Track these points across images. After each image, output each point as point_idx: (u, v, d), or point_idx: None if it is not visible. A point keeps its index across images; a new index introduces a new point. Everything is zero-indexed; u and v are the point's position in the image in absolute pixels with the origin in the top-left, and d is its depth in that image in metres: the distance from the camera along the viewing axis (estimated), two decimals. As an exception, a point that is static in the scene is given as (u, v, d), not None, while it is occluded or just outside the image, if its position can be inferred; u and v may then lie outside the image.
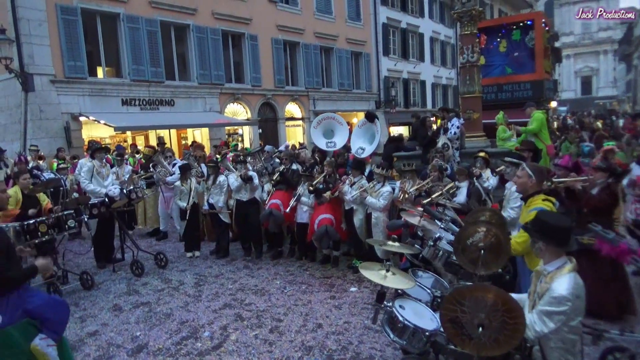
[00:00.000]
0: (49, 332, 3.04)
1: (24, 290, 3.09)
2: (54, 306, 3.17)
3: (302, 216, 7.30)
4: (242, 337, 4.89)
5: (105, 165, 7.85)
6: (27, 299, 3.03)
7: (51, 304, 3.17)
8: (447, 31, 34.29)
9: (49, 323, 3.06)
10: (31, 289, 3.29)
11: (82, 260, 7.89)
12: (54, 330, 3.08)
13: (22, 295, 3.02)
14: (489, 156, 7.29)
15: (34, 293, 3.18)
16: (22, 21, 13.28)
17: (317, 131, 9.04)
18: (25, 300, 3.01)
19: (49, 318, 3.06)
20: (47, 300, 3.18)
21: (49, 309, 3.09)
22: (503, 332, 2.48)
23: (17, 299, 2.97)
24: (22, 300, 2.99)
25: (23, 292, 3.05)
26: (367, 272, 3.15)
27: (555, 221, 2.83)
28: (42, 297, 3.21)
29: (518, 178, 3.87)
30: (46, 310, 3.07)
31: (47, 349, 2.98)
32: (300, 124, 23.46)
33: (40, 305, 3.06)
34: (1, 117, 14.57)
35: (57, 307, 3.18)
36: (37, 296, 3.15)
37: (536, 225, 2.85)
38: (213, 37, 18.28)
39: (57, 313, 3.14)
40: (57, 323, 3.12)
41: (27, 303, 3.01)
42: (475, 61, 10.31)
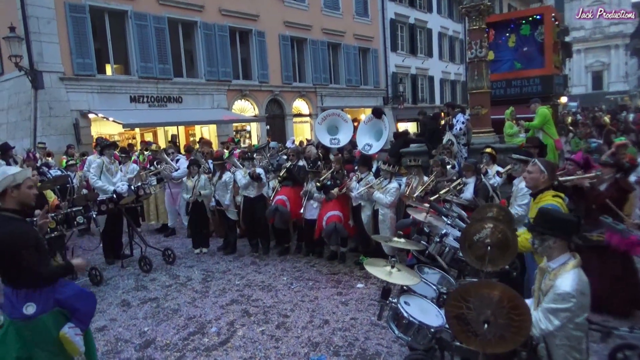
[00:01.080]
0: (77, 321, 3.17)
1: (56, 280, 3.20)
2: (83, 298, 3.28)
3: (312, 212, 7.29)
4: (248, 333, 4.91)
5: (114, 162, 7.92)
6: (59, 289, 3.13)
7: (81, 295, 3.28)
8: (455, 26, 34.05)
9: (78, 313, 3.18)
10: (64, 280, 3.38)
11: (91, 256, 7.95)
12: (81, 320, 3.20)
13: (55, 285, 3.13)
14: (496, 152, 7.23)
15: (65, 284, 3.28)
16: (32, 19, 13.38)
17: (321, 127, 9.04)
18: (57, 291, 3.11)
19: (78, 308, 3.19)
20: (77, 291, 3.29)
21: (78, 300, 3.21)
22: (509, 329, 2.46)
23: (50, 289, 3.08)
24: (54, 290, 3.10)
25: (55, 283, 3.15)
26: (372, 268, 3.14)
27: (559, 214, 2.83)
28: (73, 288, 3.32)
29: (529, 173, 3.82)
30: (76, 301, 3.18)
31: (74, 338, 3.09)
32: (308, 120, 23.45)
33: (71, 296, 3.18)
34: (11, 115, 14.71)
35: (86, 299, 3.30)
36: (69, 287, 3.26)
37: (544, 221, 2.82)
38: (220, 34, 18.31)
39: (85, 304, 3.27)
40: (85, 314, 3.25)
41: (59, 293, 3.12)
42: (483, 56, 10.22)
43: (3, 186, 2.93)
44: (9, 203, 2.98)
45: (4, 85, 14.99)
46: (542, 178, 3.74)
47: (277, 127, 21.49)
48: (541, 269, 2.89)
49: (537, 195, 3.77)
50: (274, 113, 21.46)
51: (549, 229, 2.78)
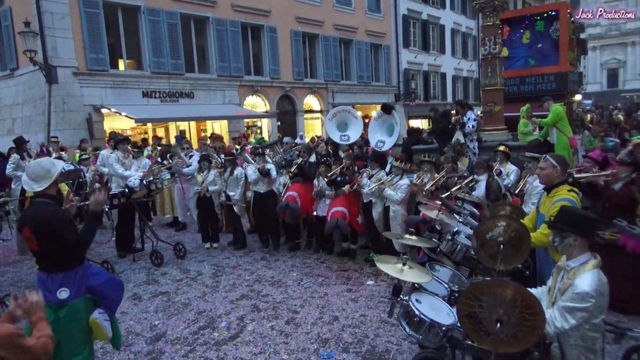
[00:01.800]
0: (106, 308, 3.28)
1: (88, 267, 3.33)
2: (113, 285, 3.40)
3: (324, 209, 7.27)
4: (258, 328, 4.92)
5: (127, 156, 7.98)
6: (91, 276, 3.25)
7: (111, 282, 3.39)
8: (468, 22, 33.75)
9: (107, 300, 3.30)
10: (94, 267, 3.51)
11: (103, 250, 8.03)
12: (110, 307, 3.32)
13: (87, 272, 3.26)
14: (509, 150, 7.16)
15: (96, 271, 3.41)
16: (46, 14, 13.52)
17: (331, 124, 9.01)
18: (89, 277, 3.24)
19: (108, 296, 3.30)
20: (107, 278, 3.40)
21: (108, 287, 3.32)
22: (522, 328, 2.43)
23: (82, 275, 3.21)
24: (86, 277, 3.23)
25: (87, 269, 3.29)
26: (383, 265, 3.12)
27: (583, 212, 2.78)
28: (104, 275, 3.44)
29: (542, 170, 3.77)
30: (106, 288, 3.29)
31: (104, 323, 3.23)
32: (319, 116, 23.42)
33: (102, 283, 3.29)
34: (26, 109, 14.88)
35: (115, 286, 3.42)
36: (100, 274, 3.39)
37: (565, 218, 2.77)
38: (232, 30, 18.33)
39: (115, 291, 3.39)
40: (113, 300, 3.38)
41: (90, 280, 3.23)
42: (497, 53, 10.13)
43: (55, 177, 3.18)
44: (51, 190, 3.21)
45: (19, 80, 15.17)
46: (556, 173, 3.70)
47: (288, 123, 21.50)
48: (559, 267, 2.84)
49: (552, 190, 3.72)
50: (285, 109, 21.47)
51: (570, 227, 2.73)
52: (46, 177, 3.15)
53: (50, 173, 3.16)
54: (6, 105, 15.73)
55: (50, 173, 3.16)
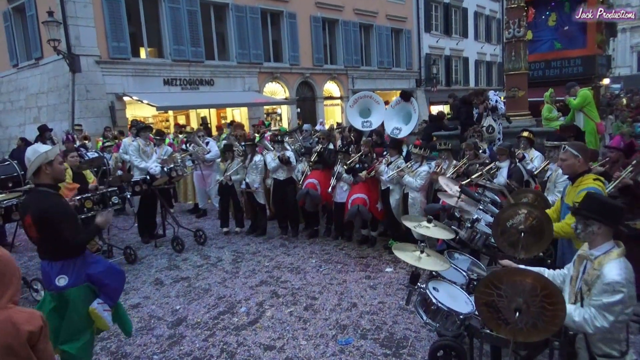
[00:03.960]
0: (105, 297, 3.26)
1: (88, 255, 3.31)
2: (113, 274, 3.36)
3: (342, 196, 7.26)
4: (277, 314, 4.96)
5: (149, 144, 8.07)
6: (90, 265, 3.24)
7: (111, 271, 3.36)
8: (492, 5, 32.93)
9: (106, 289, 3.27)
10: (93, 255, 3.51)
11: (126, 236, 8.19)
12: (110, 297, 3.29)
13: (86, 260, 3.25)
14: (533, 135, 6.99)
15: (96, 259, 3.40)
16: (69, 3, 13.68)
17: (353, 110, 8.91)
18: (88, 266, 3.22)
19: (107, 284, 3.27)
20: (107, 267, 3.38)
21: (108, 276, 3.29)
22: (542, 317, 2.39)
23: (82, 263, 3.19)
24: (86, 265, 3.21)
25: (87, 257, 3.28)
26: (401, 253, 3.10)
27: (608, 200, 2.71)
28: (104, 264, 3.41)
29: (563, 161, 3.67)
30: (105, 277, 3.27)
31: (103, 313, 3.20)
32: (339, 103, 23.29)
33: (102, 271, 3.27)
34: (51, 98, 15.17)
35: (115, 275, 3.38)
36: (99, 263, 3.37)
37: (589, 205, 2.69)
38: (252, 16, 18.28)
39: (115, 280, 3.35)
40: (113, 290, 3.33)
41: (90, 268, 3.22)
42: (522, 36, 9.86)
43: (37, 164, 3.07)
44: (44, 179, 3.12)
45: (43, 69, 15.45)
46: (578, 162, 3.59)
47: (307, 110, 21.45)
48: (580, 256, 2.77)
49: (577, 179, 3.62)
50: (305, 95, 21.40)
51: (595, 214, 2.65)
52: (28, 164, 3.11)
53: (29, 161, 3.08)
54: (32, 94, 16.06)
55: (30, 160, 3.08)
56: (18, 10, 16.19)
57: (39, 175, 3.11)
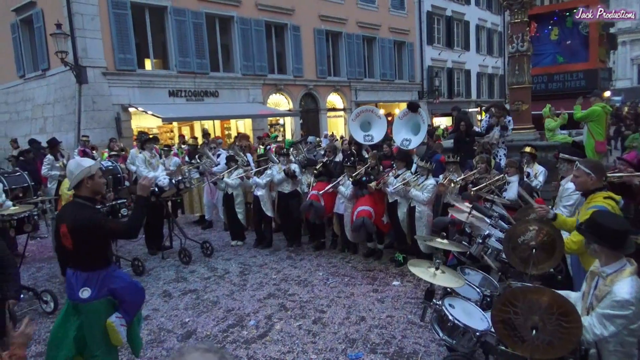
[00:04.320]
0: (124, 312, 3.30)
1: (112, 270, 3.38)
2: (134, 290, 3.42)
3: (339, 207, 7.33)
4: (286, 327, 4.97)
5: (155, 156, 8.13)
6: (113, 279, 3.30)
7: (132, 287, 3.41)
8: (494, 18, 33.23)
9: (126, 304, 3.32)
10: (118, 270, 3.59)
11: (133, 247, 8.22)
12: (127, 312, 3.33)
13: (110, 274, 3.31)
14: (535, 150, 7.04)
15: (119, 274, 3.46)
16: (77, 16, 13.85)
17: (354, 124, 8.99)
18: (111, 280, 3.28)
19: (127, 300, 3.32)
20: (129, 283, 3.43)
21: (129, 292, 3.35)
22: (558, 335, 2.42)
23: (106, 277, 3.26)
24: (109, 279, 3.27)
25: (112, 272, 3.34)
26: (416, 269, 3.13)
27: (610, 223, 2.69)
28: (126, 279, 3.46)
29: (576, 178, 3.71)
30: (127, 293, 3.32)
31: (119, 328, 3.24)
32: (342, 114, 23.41)
33: (123, 287, 3.32)
34: (57, 108, 15.29)
35: (136, 292, 3.44)
36: (122, 278, 3.43)
37: (590, 226, 2.74)
38: (256, 29, 18.46)
39: (135, 297, 3.40)
40: (133, 306, 3.38)
41: (113, 283, 3.27)
42: (525, 50, 9.97)
43: (80, 178, 3.19)
44: (84, 192, 3.23)
45: (50, 80, 15.59)
46: (590, 180, 3.63)
47: (311, 121, 21.56)
48: (592, 272, 2.80)
49: (588, 196, 3.66)
50: (308, 107, 21.52)
51: (594, 235, 2.70)
52: (70, 177, 3.23)
53: (72, 174, 3.20)
54: (38, 105, 16.19)
55: (73, 174, 3.20)
56: (26, 22, 16.38)
57: (80, 188, 3.22)
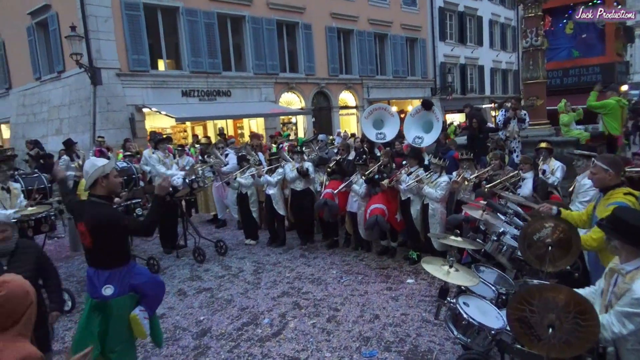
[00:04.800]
0: (146, 306, 3.39)
1: (132, 266, 3.45)
2: (155, 285, 3.51)
3: (352, 205, 7.31)
4: (300, 325, 4.98)
5: (168, 156, 8.20)
6: (134, 275, 3.37)
7: (153, 282, 3.50)
8: (507, 13, 32.82)
9: (148, 299, 3.41)
10: (138, 266, 3.66)
11: (148, 246, 8.30)
12: (150, 306, 3.43)
13: (131, 270, 3.39)
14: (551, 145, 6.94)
15: (140, 270, 3.54)
16: (90, 18, 14.02)
17: (367, 122, 8.93)
18: (132, 276, 3.36)
19: (149, 294, 3.41)
20: (149, 278, 3.52)
21: (150, 286, 3.44)
22: (575, 334, 2.38)
23: (127, 274, 3.33)
24: (130, 275, 3.35)
25: (132, 268, 3.41)
26: (430, 267, 3.11)
27: (633, 220, 2.64)
28: (147, 275, 3.56)
29: (593, 174, 3.65)
30: (148, 288, 3.41)
31: (143, 321, 3.33)
32: (354, 112, 23.35)
33: (145, 282, 3.41)
34: (72, 110, 15.50)
35: (157, 286, 3.53)
36: (143, 274, 3.52)
37: (612, 222, 2.69)
38: (268, 28, 18.50)
39: (156, 291, 3.50)
40: (154, 300, 3.49)
41: (134, 279, 3.35)
42: (539, 45, 9.85)
43: (94, 177, 3.24)
44: (99, 191, 3.29)
45: (66, 82, 15.82)
46: (609, 176, 3.56)
47: (323, 120, 21.55)
48: (612, 269, 2.76)
49: (607, 192, 3.60)
50: (320, 105, 21.52)
51: (616, 232, 2.65)
52: (86, 177, 3.30)
53: (88, 174, 3.27)
54: (54, 107, 16.44)
55: (88, 174, 3.26)
56: (41, 25, 16.63)
57: (95, 187, 3.27)
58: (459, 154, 6.78)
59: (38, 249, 3.43)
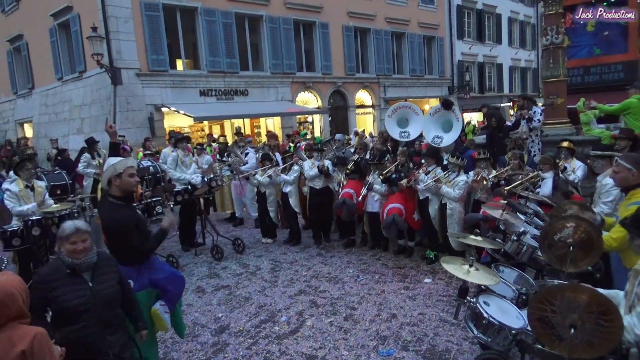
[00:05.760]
0: (167, 300, 3.44)
1: (152, 261, 3.50)
2: (175, 280, 3.54)
3: (374, 205, 7.29)
4: (317, 324, 5.01)
5: (187, 155, 8.29)
6: (155, 270, 3.43)
7: (173, 277, 3.54)
8: (526, 10, 32.35)
9: (168, 293, 3.45)
10: (158, 260, 3.70)
11: (168, 244, 8.41)
12: (170, 300, 3.47)
13: (150, 265, 3.44)
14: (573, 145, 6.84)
15: (160, 265, 3.58)
16: (111, 19, 14.25)
17: (391, 120, 8.88)
18: (153, 271, 3.41)
19: (169, 290, 3.45)
20: (170, 273, 3.56)
21: (170, 281, 3.48)
22: (597, 334, 2.36)
23: (146, 269, 3.38)
24: (150, 270, 3.40)
25: (151, 263, 3.46)
26: (450, 266, 3.10)
27: None
28: (167, 270, 3.59)
29: (616, 173, 3.59)
30: (168, 283, 3.45)
31: (164, 315, 3.38)
32: (371, 111, 23.30)
33: (165, 277, 3.45)
34: (94, 109, 15.77)
35: (177, 281, 3.56)
36: (163, 269, 3.55)
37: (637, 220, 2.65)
38: (285, 27, 18.56)
39: (176, 286, 3.53)
40: (174, 294, 3.52)
41: (154, 274, 3.40)
42: (560, 43, 9.66)
43: (107, 176, 3.28)
44: (114, 190, 3.31)
45: (87, 82, 16.10)
46: (632, 175, 3.51)
47: (339, 119, 21.54)
48: (636, 270, 2.72)
49: (628, 192, 3.54)
50: (337, 104, 21.51)
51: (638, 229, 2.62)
52: (103, 177, 3.34)
53: (104, 174, 3.31)
54: (76, 106, 16.74)
55: (104, 174, 3.30)
56: (63, 27, 16.95)
57: (110, 186, 3.30)
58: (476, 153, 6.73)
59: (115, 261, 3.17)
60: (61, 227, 2.77)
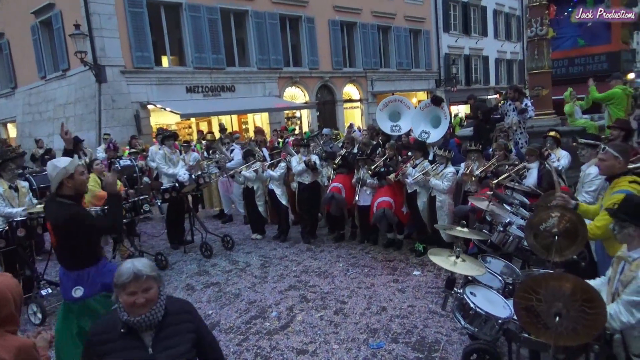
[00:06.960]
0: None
1: (103, 265, 3.39)
2: None
3: (366, 199, 7.29)
4: (307, 318, 5.01)
5: (175, 152, 8.23)
6: (105, 274, 3.29)
7: None
8: (511, 2, 32.53)
9: None
10: (110, 264, 3.59)
11: (156, 242, 8.36)
12: None
13: (101, 269, 3.32)
14: (560, 135, 6.92)
15: (111, 268, 3.45)
16: (94, 16, 14.05)
17: (382, 114, 8.86)
18: (103, 275, 3.29)
19: None
20: None
21: None
22: (582, 322, 2.39)
23: (96, 273, 3.28)
24: (100, 274, 3.29)
25: (102, 267, 3.35)
26: (437, 258, 3.12)
27: None
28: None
29: (602, 161, 3.63)
30: None
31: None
32: (358, 105, 23.30)
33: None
34: (78, 108, 15.57)
35: None
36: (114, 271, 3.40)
37: (629, 208, 2.69)
38: (271, 22, 18.46)
39: None
40: None
41: (106, 277, 3.26)
42: (544, 34, 9.77)
43: (58, 179, 3.19)
44: (66, 191, 3.23)
45: (70, 80, 15.88)
46: (618, 164, 3.55)
47: (327, 113, 21.53)
48: (619, 257, 2.77)
49: (613, 180, 3.59)
50: (325, 99, 21.48)
51: (631, 217, 2.65)
52: (50, 180, 3.23)
53: (51, 177, 3.20)
54: (60, 105, 16.51)
55: (52, 177, 3.19)
56: (45, 24, 16.68)
57: (62, 188, 3.21)
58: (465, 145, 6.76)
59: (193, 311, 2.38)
60: (117, 270, 2.21)
